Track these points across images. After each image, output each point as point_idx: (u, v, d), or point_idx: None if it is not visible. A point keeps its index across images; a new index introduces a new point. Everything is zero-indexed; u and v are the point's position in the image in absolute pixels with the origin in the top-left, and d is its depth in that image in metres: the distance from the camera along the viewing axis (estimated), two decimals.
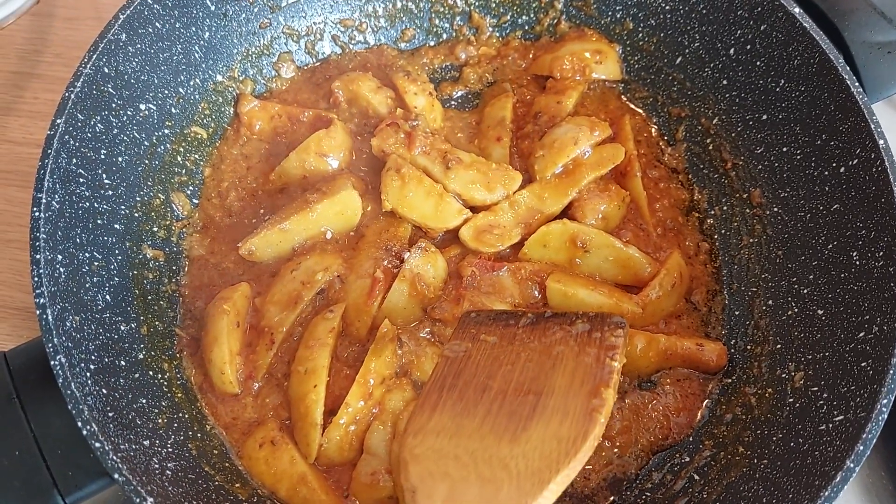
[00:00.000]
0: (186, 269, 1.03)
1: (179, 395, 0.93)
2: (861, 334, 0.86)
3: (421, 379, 0.97)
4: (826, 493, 0.74)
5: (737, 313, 1.05)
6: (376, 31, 1.21)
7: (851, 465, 0.75)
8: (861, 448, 0.76)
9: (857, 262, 0.90)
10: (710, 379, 1.01)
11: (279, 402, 0.95)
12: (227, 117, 1.12)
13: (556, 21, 1.20)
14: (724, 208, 1.11)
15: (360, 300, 0.98)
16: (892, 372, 0.79)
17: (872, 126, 0.91)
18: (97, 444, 0.72)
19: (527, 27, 1.22)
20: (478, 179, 1.05)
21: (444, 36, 1.23)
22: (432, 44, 1.23)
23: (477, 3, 1.20)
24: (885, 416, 0.77)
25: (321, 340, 0.94)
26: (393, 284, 0.97)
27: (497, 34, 1.23)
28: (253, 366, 0.95)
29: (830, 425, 0.82)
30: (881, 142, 0.90)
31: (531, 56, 1.21)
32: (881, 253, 0.87)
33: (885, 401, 0.78)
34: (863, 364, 0.83)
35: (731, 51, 1.07)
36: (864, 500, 1.01)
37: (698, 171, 1.15)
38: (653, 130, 1.19)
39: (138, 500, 0.71)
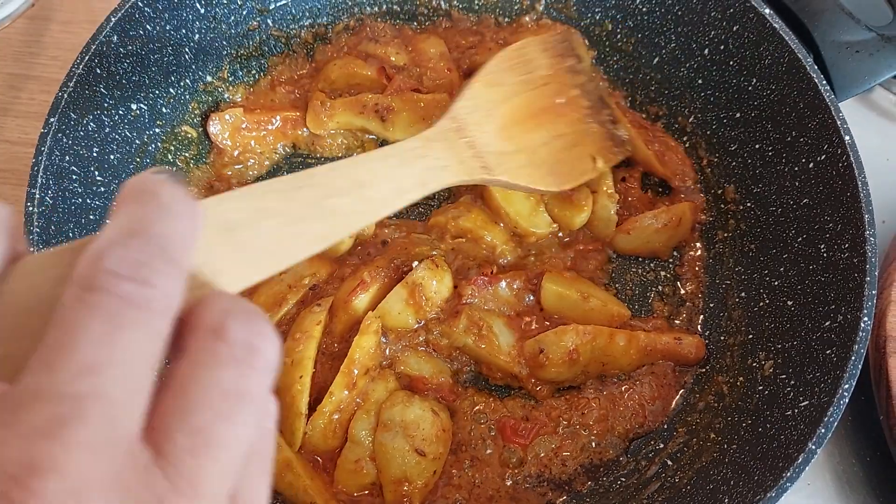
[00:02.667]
0: None
1: None
2: (827, 323, 0.89)
3: (406, 372, 1.00)
4: (788, 474, 0.77)
5: (711, 305, 1.08)
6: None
7: (813, 448, 0.78)
8: (822, 431, 0.79)
9: (825, 254, 0.94)
10: (685, 369, 1.04)
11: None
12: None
13: (536, 21, 1.23)
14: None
15: (343, 295, 1.01)
16: (853, 358, 0.82)
17: (839, 122, 0.94)
18: None
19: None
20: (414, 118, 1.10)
21: None
22: None
23: (460, 5, 1.23)
24: (847, 400, 0.81)
25: (308, 332, 0.97)
26: (394, 287, 0.99)
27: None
28: None
29: (796, 410, 0.85)
30: (847, 137, 0.93)
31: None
32: (846, 245, 0.90)
33: (846, 385, 0.81)
34: (828, 352, 0.86)
35: (706, 51, 1.11)
36: (835, 487, 1.04)
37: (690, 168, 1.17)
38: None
39: None
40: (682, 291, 1.10)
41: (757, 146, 1.06)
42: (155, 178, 0.39)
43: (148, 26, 1.00)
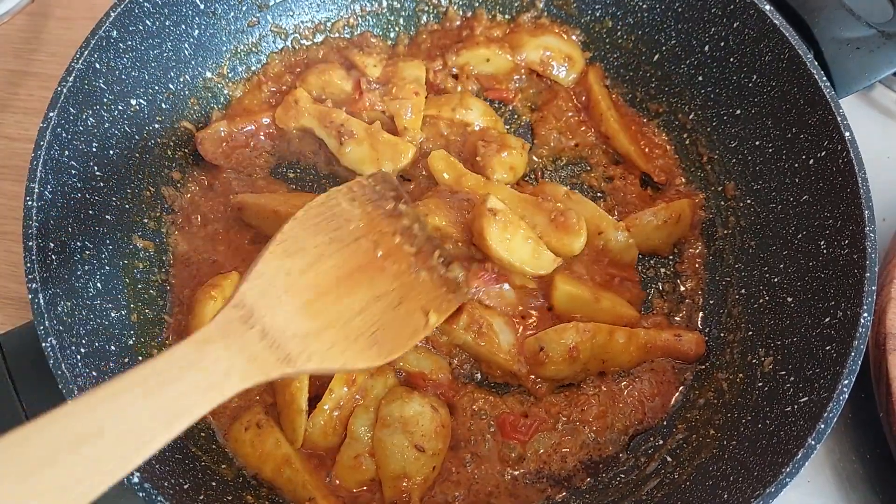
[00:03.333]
0: (174, 260, 1.06)
1: None
2: (826, 319, 0.89)
3: (405, 368, 0.99)
4: (787, 470, 0.77)
5: (711, 302, 1.08)
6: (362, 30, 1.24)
7: (813, 443, 0.78)
8: (822, 426, 0.79)
9: (825, 251, 0.93)
10: (685, 366, 1.04)
11: (264, 388, 0.97)
12: (216, 113, 1.14)
13: (537, 18, 1.23)
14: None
15: None
16: (853, 354, 0.82)
17: (839, 119, 0.94)
18: None
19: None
20: (368, 155, 1.09)
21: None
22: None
23: (460, 2, 1.23)
24: (846, 397, 0.80)
25: None
26: None
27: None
28: None
29: (796, 406, 0.85)
30: (847, 134, 0.93)
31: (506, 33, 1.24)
32: (846, 241, 0.90)
33: (846, 381, 0.81)
34: (827, 348, 0.86)
35: (706, 48, 1.11)
36: (835, 483, 1.04)
37: (676, 165, 1.17)
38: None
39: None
40: (682, 288, 1.10)
41: (757, 143, 1.06)
42: None
43: (147, 21, 1.00)
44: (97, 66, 0.94)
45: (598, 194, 1.16)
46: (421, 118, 1.14)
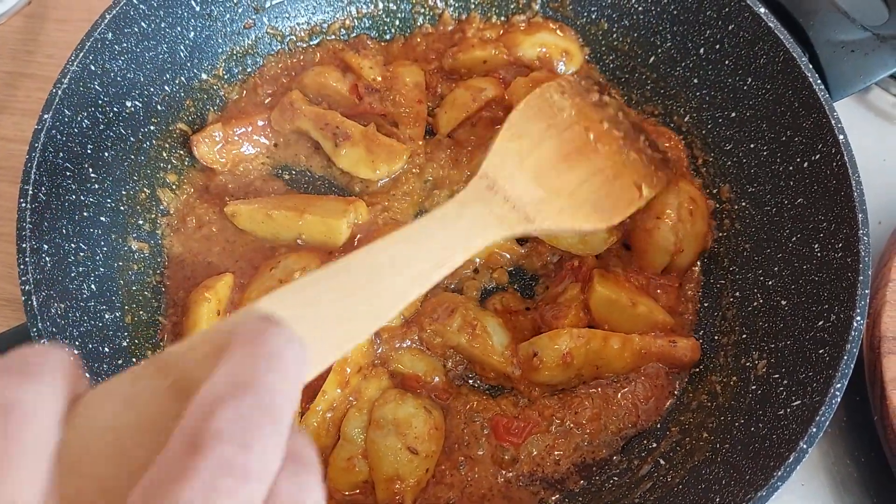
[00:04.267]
0: (169, 262, 1.06)
1: None
2: (820, 322, 0.89)
3: (399, 370, 1.00)
4: (779, 473, 0.77)
5: (705, 304, 1.08)
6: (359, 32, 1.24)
7: (805, 447, 0.78)
8: (814, 430, 0.79)
9: (819, 254, 0.93)
10: (679, 370, 1.04)
11: None
12: (212, 115, 1.15)
13: (528, 20, 1.23)
14: None
15: None
16: (845, 358, 0.82)
17: (833, 122, 0.94)
18: None
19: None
20: (363, 157, 1.10)
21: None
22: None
23: (456, 4, 1.23)
24: (839, 400, 0.80)
25: None
26: None
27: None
28: None
29: (788, 410, 0.85)
30: (841, 137, 0.93)
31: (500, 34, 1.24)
32: (840, 244, 0.90)
33: (838, 385, 0.81)
34: (820, 351, 0.86)
35: (702, 50, 1.11)
36: (830, 487, 1.04)
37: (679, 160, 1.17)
38: None
39: None
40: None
41: (752, 145, 1.06)
42: (267, 321, 0.42)
43: (143, 23, 1.00)
44: (92, 68, 0.94)
45: None
46: (424, 127, 1.15)
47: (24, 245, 0.82)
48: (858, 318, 0.83)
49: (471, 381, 1.02)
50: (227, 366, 0.38)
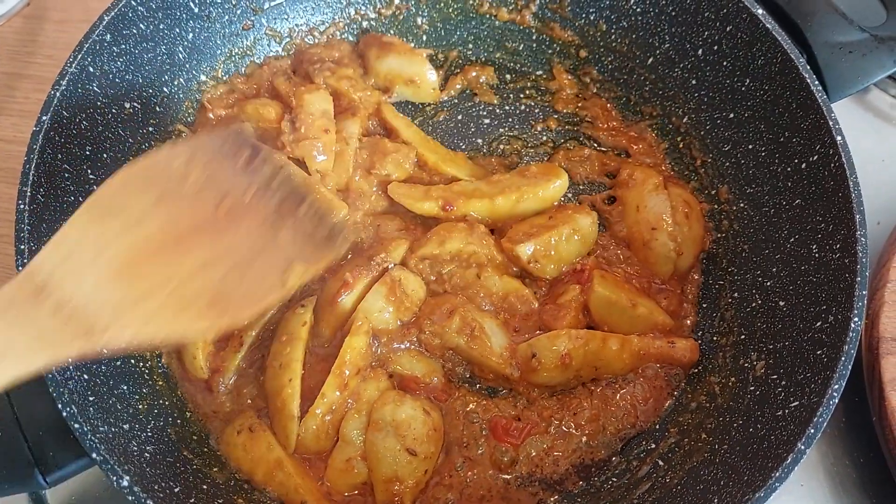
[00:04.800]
0: None
1: (161, 383, 0.96)
2: (818, 324, 0.89)
3: (398, 372, 1.00)
4: (777, 474, 0.77)
5: (704, 305, 1.08)
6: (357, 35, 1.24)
7: (802, 448, 0.78)
8: (812, 431, 0.79)
9: (817, 255, 0.93)
10: (678, 371, 1.04)
11: (256, 393, 0.97)
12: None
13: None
14: None
15: (328, 297, 1.00)
16: (843, 359, 0.82)
17: (831, 123, 0.94)
18: (76, 426, 0.76)
19: None
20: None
21: (425, 38, 1.26)
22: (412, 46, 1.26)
23: (456, 6, 1.23)
24: (837, 401, 0.80)
25: (294, 334, 0.96)
26: (373, 286, 0.99)
27: None
28: (221, 364, 0.98)
29: (787, 411, 0.85)
30: (839, 138, 0.93)
31: None
32: (838, 245, 0.90)
33: (836, 386, 0.81)
34: (818, 352, 0.86)
35: (700, 51, 1.11)
36: (829, 487, 1.04)
37: (670, 169, 1.17)
38: None
39: (115, 478, 0.74)
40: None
41: (750, 146, 1.06)
42: None
43: (141, 25, 1.00)
44: (91, 69, 0.94)
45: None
46: (333, 158, 1.06)
47: (21, 247, 0.82)
48: (856, 319, 0.83)
49: (469, 383, 1.02)
50: None
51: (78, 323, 0.64)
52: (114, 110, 0.99)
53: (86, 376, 0.83)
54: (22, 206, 0.84)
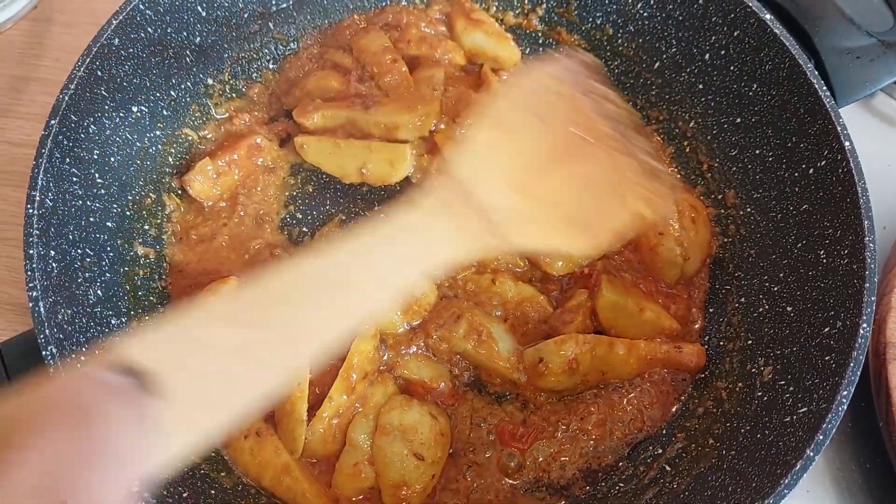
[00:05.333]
0: (173, 267, 1.06)
1: None
2: (826, 329, 0.88)
3: (405, 376, 0.99)
4: (786, 481, 0.77)
5: (710, 310, 1.08)
6: None
7: (811, 454, 0.78)
8: (821, 437, 0.79)
9: (824, 261, 0.93)
10: (685, 376, 1.04)
11: None
12: (217, 120, 1.15)
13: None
14: None
15: None
16: (852, 365, 0.82)
17: (839, 128, 0.94)
18: None
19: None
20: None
21: None
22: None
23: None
24: (845, 407, 0.80)
25: None
26: None
27: None
28: None
29: (795, 417, 0.85)
30: (847, 143, 0.93)
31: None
32: (846, 251, 0.90)
33: (844, 392, 0.81)
34: (826, 358, 0.86)
35: (707, 56, 1.11)
36: (835, 493, 1.04)
37: (676, 173, 1.17)
38: None
39: None
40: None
41: (757, 151, 1.06)
42: None
43: (149, 29, 1.00)
44: (99, 73, 0.94)
45: None
46: (411, 82, 1.13)
47: (31, 251, 0.82)
48: (865, 325, 0.83)
49: (477, 387, 1.02)
50: None
51: (495, 226, 0.71)
52: (121, 114, 0.99)
53: None
54: (31, 210, 0.84)
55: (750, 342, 1.00)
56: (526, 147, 0.79)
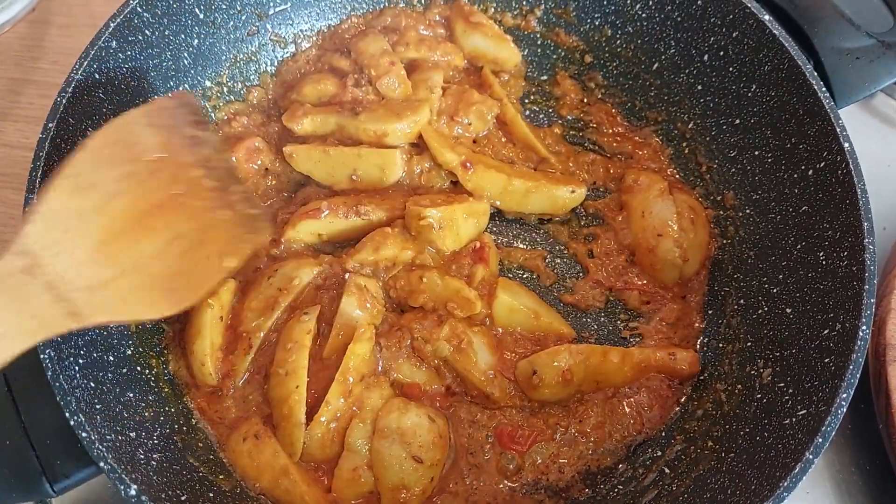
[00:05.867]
0: None
1: (166, 390, 0.96)
2: (825, 331, 0.88)
3: (399, 380, 0.99)
4: (785, 484, 0.77)
5: (710, 312, 1.07)
6: None
7: (810, 457, 0.78)
8: (820, 440, 0.78)
9: (824, 262, 0.93)
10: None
11: (262, 400, 0.97)
12: (216, 123, 1.15)
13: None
14: None
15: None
16: (851, 367, 0.82)
17: (838, 130, 0.93)
18: (84, 434, 0.75)
19: None
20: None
21: None
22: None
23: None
24: (845, 410, 0.80)
25: (298, 342, 0.95)
26: (343, 297, 0.98)
27: None
28: (231, 367, 0.98)
29: (794, 419, 0.84)
30: (846, 145, 0.93)
31: None
32: (845, 253, 0.90)
33: (844, 395, 0.80)
34: (826, 360, 0.86)
35: (706, 57, 1.10)
36: (835, 495, 1.03)
37: (675, 174, 1.17)
38: None
39: (122, 487, 0.74)
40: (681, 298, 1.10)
41: (756, 153, 1.06)
42: None
43: (147, 31, 1.00)
44: (96, 76, 0.94)
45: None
46: (409, 84, 1.14)
47: None
48: (864, 327, 0.83)
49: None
50: None
51: (66, 304, 0.65)
52: None
53: (92, 384, 0.83)
54: None
55: (749, 344, 0.99)
56: (112, 206, 0.72)
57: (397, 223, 1.05)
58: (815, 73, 0.97)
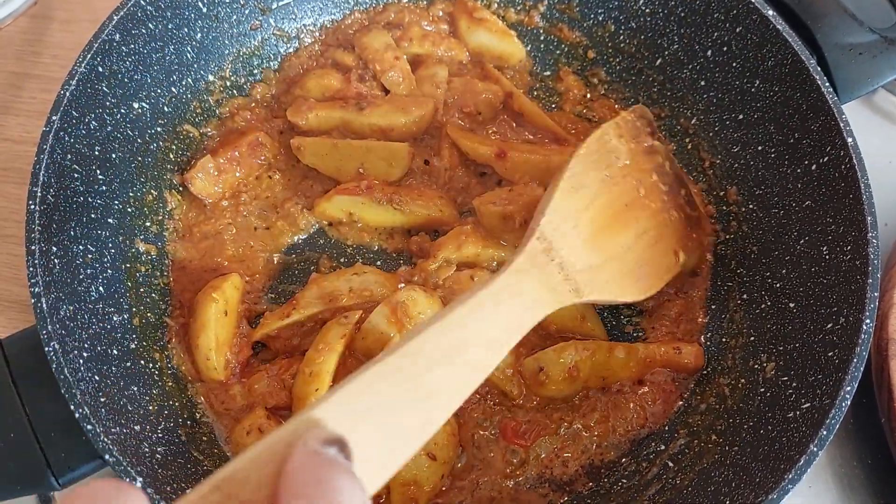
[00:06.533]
0: (175, 264, 1.06)
1: (170, 384, 0.96)
2: (829, 325, 0.89)
3: None
4: (790, 476, 0.77)
5: (713, 307, 1.08)
6: None
7: (815, 450, 0.78)
8: (825, 433, 0.79)
9: (827, 257, 0.93)
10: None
11: (267, 390, 0.97)
12: (218, 117, 1.14)
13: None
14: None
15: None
16: (855, 360, 0.82)
17: (842, 125, 0.94)
18: (89, 427, 0.75)
19: None
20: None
21: None
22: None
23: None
24: (848, 403, 0.80)
25: (331, 345, 0.94)
26: (377, 307, 0.96)
27: None
28: (259, 328, 0.99)
29: (798, 412, 0.85)
30: (850, 140, 0.93)
31: None
32: (849, 247, 0.90)
33: (848, 388, 0.81)
34: (829, 354, 0.86)
35: (709, 52, 1.11)
36: (837, 489, 1.04)
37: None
38: None
39: (128, 479, 0.74)
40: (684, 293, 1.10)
41: (759, 148, 1.06)
42: (330, 465, 0.41)
43: (150, 25, 1.00)
44: (100, 69, 0.94)
45: None
46: (413, 79, 1.14)
47: (33, 247, 0.82)
48: (868, 321, 0.83)
49: (479, 386, 1.02)
50: None
51: (571, 282, 0.79)
52: (122, 110, 0.99)
53: (97, 377, 0.83)
54: (32, 207, 0.84)
55: (752, 338, 1.00)
56: (596, 204, 0.88)
57: (468, 221, 1.06)
58: (819, 69, 0.97)
